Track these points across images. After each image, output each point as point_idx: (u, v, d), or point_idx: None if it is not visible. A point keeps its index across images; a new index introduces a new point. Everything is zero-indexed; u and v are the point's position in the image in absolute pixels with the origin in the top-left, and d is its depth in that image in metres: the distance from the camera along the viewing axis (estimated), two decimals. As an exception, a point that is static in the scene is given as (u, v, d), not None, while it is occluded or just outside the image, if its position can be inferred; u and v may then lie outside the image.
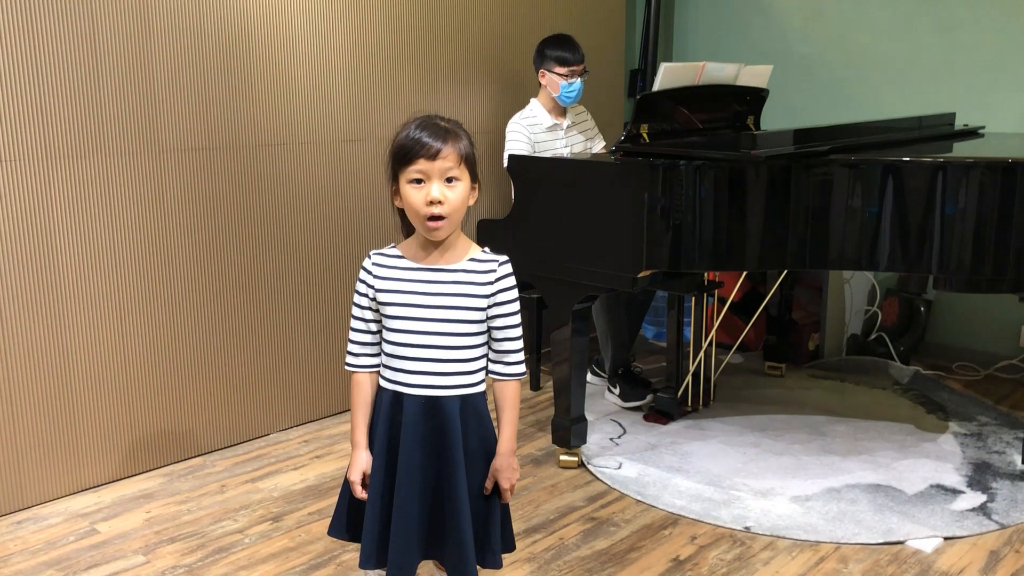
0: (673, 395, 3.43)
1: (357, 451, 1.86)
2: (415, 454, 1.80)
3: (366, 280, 1.82)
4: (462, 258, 1.81)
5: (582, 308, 2.93)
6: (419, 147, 1.71)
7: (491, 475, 1.85)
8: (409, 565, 1.82)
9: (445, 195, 1.72)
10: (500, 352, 1.85)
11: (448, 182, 1.73)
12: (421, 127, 1.74)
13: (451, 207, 1.73)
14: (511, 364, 1.86)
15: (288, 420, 3.44)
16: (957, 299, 4.07)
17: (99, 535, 2.67)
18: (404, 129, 1.76)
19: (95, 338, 2.90)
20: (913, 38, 4.02)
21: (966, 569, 2.43)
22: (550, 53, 3.55)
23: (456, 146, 1.74)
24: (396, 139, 1.76)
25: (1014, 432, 3.27)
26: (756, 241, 2.74)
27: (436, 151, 1.71)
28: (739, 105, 3.45)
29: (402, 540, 1.80)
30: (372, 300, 1.82)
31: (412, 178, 1.73)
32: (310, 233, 3.38)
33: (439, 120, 1.77)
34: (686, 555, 2.52)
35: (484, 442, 1.85)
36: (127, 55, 2.84)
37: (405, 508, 1.80)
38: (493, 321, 1.82)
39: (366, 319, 1.84)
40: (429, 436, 1.80)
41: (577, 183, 2.84)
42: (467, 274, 1.80)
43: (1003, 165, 2.58)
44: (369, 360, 1.86)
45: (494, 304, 1.81)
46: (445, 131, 1.74)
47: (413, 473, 1.80)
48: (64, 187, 2.77)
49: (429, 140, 1.72)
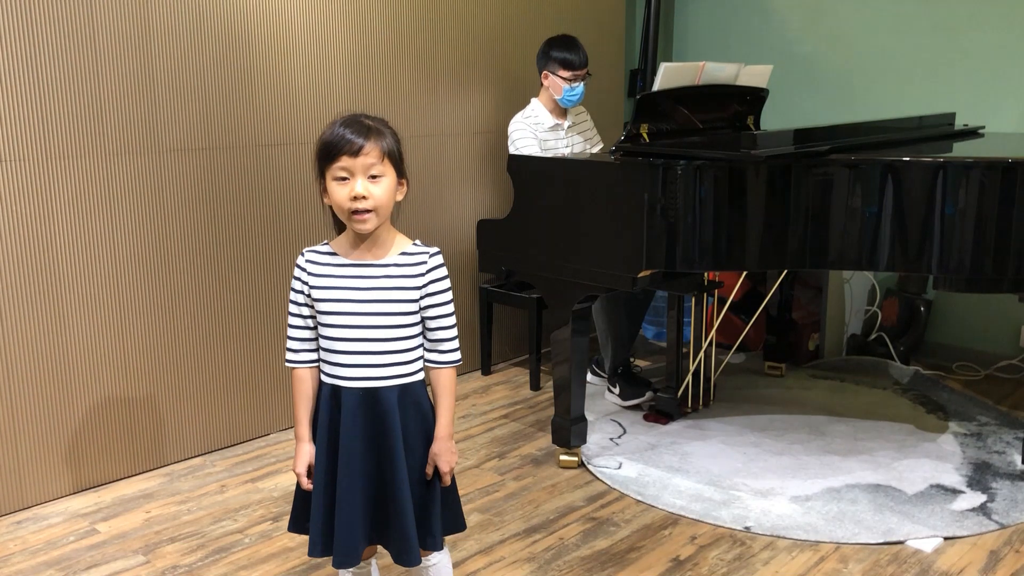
0: (673, 395, 3.43)
1: (301, 444, 1.90)
2: (355, 444, 1.84)
3: (300, 277, 1.87)
4: (393, 252, 1.84)
5: (582, 308, 2.93)
6: (343, 144, 1.75)
7: (430, 460, 1.89)
8: (354, 551, 1.87)
9: (369, 191, 1.76)
10: (434, 341, 1.89)
11: (372, 178, 1.77)
12: (345, 124, 1.77)
13: (376, 202, 1.76)
14: (445, 352, 1.90)
15: (288, 420, 3.44)
16: (957, 299, 4.07)
17: (99, 535, 2.67)
18: (329, 128, 1.79)
19: (95, 338, 2.90)
20: (913, 38, 4.02)
21: (966, 569, 2.43)
22: (555, 55, 3.54)
23: (379, 143, 1.77)
24: (321, 137, 1.79)
25: (1014, 432, 3.27)
26: (756, 241, 2.74)
27: (359, 148, 1.74)
28: (739, 105, 3.45)
29: (346, 527, 1.85)
30: (307, 297, 1.86)
31: (337, 175, 1.77)
32: (310, 233, 3.38)
33: (364, 118, 1.80)
34: (686, 555, 2.52)
35: (424, 429, 1.89)
36: (127, 55, 2.84)
37: (347, 497, 1.84)
38: (426, 311, 1.86)
39: (303, 315, 1.88)
40: (368, 426, 1.84)
41: (577, 183, 2.84)
42: (398, 268, 1.83)
43: (1003, 165, 2.58)
44: (308, 356, 1.90)
45: (426, 295, 1.84)
46: (368, 128, 1.77)
47: (353, 462, 1.84)
48: (64, 187, 2.77)
49: (352, 137, 1.75)
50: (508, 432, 3.39)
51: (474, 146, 3.93)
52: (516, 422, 3.49)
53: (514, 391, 3.84)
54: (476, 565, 2.48)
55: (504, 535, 2.63)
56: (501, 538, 2.62)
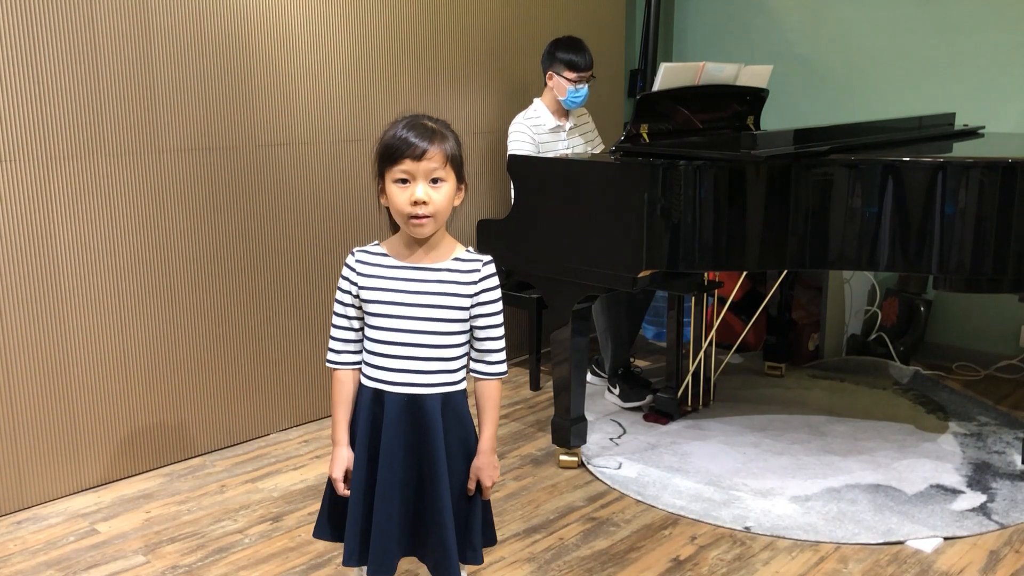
0: (673, 395, 3.43)
1: (338, 448, 1.86)
2: (396, 451, 1.81)
3: (349, 277, 1.83)
4: (446, 257, 1.81)
5: (582, 308, 2.93)
6: (405, 147, 1.71)
7: (472, 474, 1.86)
8: (390, 562, 1.83)
9: (430, 196, 1.73)
10: (482, 351, 1.86)
11: (433, 183, 1.74)
12: (408, 127, 1.74)
13: (435, 208, 1.73)
14: (493, 364, 1.87)
15: (288, 420, 3.44)
16: (957, 299, 4.07)
17: (99, 535, 2.67)
18: (392, 128, 1.76)
19: (95, 338, 2.90)
20: (913, 38, 4.02)
21: (966, 569, 2.43)
22: (560, 56, 3.54)
23: (442, 147, 1.73)
24: (383, 138, 1.76)
25: (1014, 432, 3.27)
26: (756, 241, 2.74)
27: (422, 152, 1.71)
28: (739, 105, 3.45)
29: (383, 537, 1.81)
30: (355, 297, 1.83)
31: (397, 178, 1.74)
32: (310, 233, 3.38)
33: (427, 120, 1.76)
34: (686, 555, 2.52)
35: (464, 440, 1.86)
36: (127, 55, 2.84)
37: (386, 505, 1.81)
38: (476, 320, 1.83)
39: (349, 316, 1.85)
40: (410, 433, 1.81)
41: (577, 183, 2.84)
42: (451, 273, 1.80)
43: (1003, 165, 2.58)
44: (351, 357, 1.87)
45: (477, 304, 1.81)
46: (432, 131, 1.74)
47: (394, 470, 1.81)
48: (64, 187, 2.77)
49: (416, 140, 1.71)
50: (508, 432, 3.39)
51: (474, 146, 3.93)
52: (516, 422, 3.49)
53: (514, 391, 3.84)
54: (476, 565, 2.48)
55: (504, 535, 2.63)
56: (501, 538, 2.61)
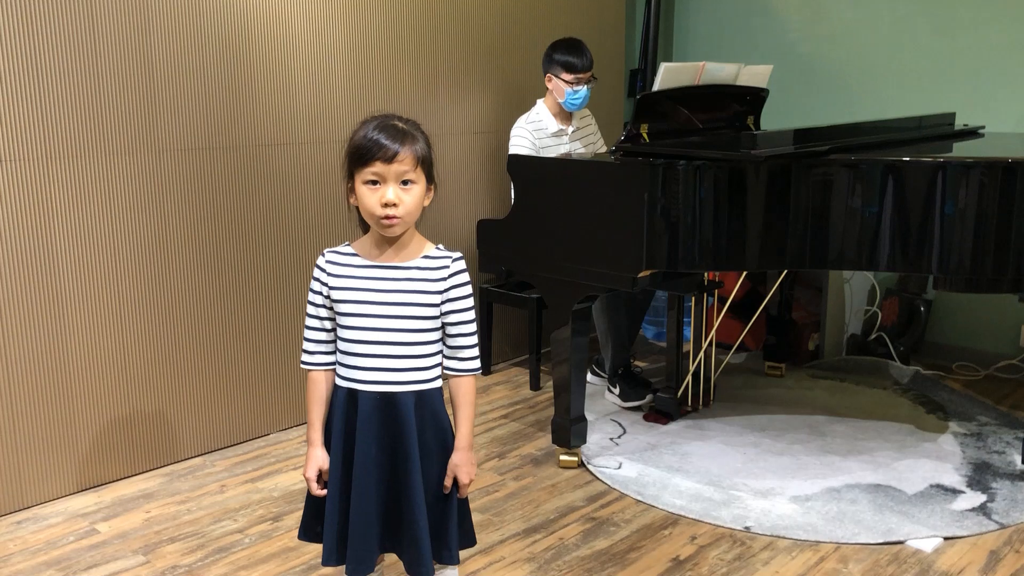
0: (673, 395, 3.43)
1: (312, 448, 1.87)
2: (370, 450, 1.81)
3: (319, 278, 1.84)
4: (416, 255, 1.82)
5: (582, 308, 2.93)
6: (376, 149, 1.71)
7: (449, 471, 1.86)
8: (368, 560, 1.84)
9: (400, 198, 1.73)
10: (454, 348, 1.86)
11: (404, 185, 1.73)
12: (379, 128, 1.73)
13: (405, 209, 1.73)
14: (465, 360, 1.87)
15: (288, 420, 3.44)
16: (957, 299, 4.07)
17: (99, 535, 2.67)
18: (362, 128, 1.75)
19: (95, 338, 2.90)
20: (913, 38, 4.02)
21: (966, 569, 2.43)
22: (558, 58, 3.53)
23: (413, 148, 1.73)
24: (353, 138, 1.75)
25: (1014, 432, 3.27)
26: (756, 241, 2.74)
27: (393, 154, 1.71)
28: (739, 105, 3.45)
29: (360, 535, 1.82)
30: (326, 298, 1.83)
31: (368, 179, 1.73)
32: (310, 233, 3.38)
33: (397, 120, 1.76)
34: (686, 555, 2.52)
35: (440, 437, 1.86)
36: (127, 55, 2.84)
37: (362, 503, 1.81)
38: (447, 317, 1.83)
39: (320, 317, 1.86)
40: (384, 432, 1.81)
41: (577, 183, 2.84)
42: (420, 271, 1.81)
43: (1003, 165, 2.58)
44: (324, 358, 1.87)
45: (447, 300, 1.82)
46: (403, 133, 1.73)
47: (369, 469, 1.81)
48: (64, 187, 2.77)
49: (387, 143, 1.71)
50: (508, 432, 3.39)
51: (474, 146, 3.93)
52: (516, 422, 3.49)
53: (514, 391, 3.84)
54: (476, 565, 2.48)
55: (504, 535, 2.63)
56: (501, 538, 2.62)
